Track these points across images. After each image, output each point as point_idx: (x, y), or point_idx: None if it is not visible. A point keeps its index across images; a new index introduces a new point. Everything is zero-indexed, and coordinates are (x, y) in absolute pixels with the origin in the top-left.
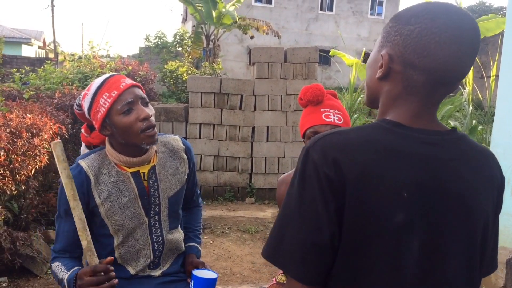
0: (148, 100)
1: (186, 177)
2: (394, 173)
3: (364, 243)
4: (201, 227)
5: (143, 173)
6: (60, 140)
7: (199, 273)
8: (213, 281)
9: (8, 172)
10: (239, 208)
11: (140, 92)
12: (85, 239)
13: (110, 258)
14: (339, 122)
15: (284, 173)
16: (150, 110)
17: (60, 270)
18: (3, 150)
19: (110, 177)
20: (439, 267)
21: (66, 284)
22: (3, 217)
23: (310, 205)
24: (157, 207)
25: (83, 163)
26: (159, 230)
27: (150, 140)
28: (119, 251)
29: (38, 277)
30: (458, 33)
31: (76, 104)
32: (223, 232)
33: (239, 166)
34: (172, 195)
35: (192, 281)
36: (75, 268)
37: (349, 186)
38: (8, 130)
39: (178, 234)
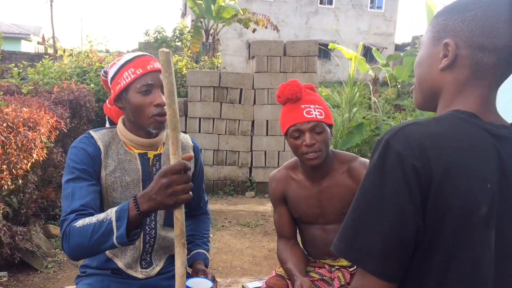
0: None
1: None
2: (478, 164)
3: (445, 237)
4: (210, 235)
5: (149, 158)
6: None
7: (192, 282)
8: None
9: (5, 166)
10: (239, 202)
11: None
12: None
13: (190, 154)
14: (321, 117)
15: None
16: None
17: (92, 219)
18: None
19: (118, 154)
20: (510, 270)
21: (117, 214)
22: (2, 211)
23: (394, 198)
24: None
25: (94, 134)
26: (153, 222)
27: (157, 125)
28: None
29: (38, 272)
30: None
31: (104, 71)
32: (223, 226)
33: (239, 160)
34: None
35: None
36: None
37: (435, 179)
38: (5, 124)
39: (173, 235)
